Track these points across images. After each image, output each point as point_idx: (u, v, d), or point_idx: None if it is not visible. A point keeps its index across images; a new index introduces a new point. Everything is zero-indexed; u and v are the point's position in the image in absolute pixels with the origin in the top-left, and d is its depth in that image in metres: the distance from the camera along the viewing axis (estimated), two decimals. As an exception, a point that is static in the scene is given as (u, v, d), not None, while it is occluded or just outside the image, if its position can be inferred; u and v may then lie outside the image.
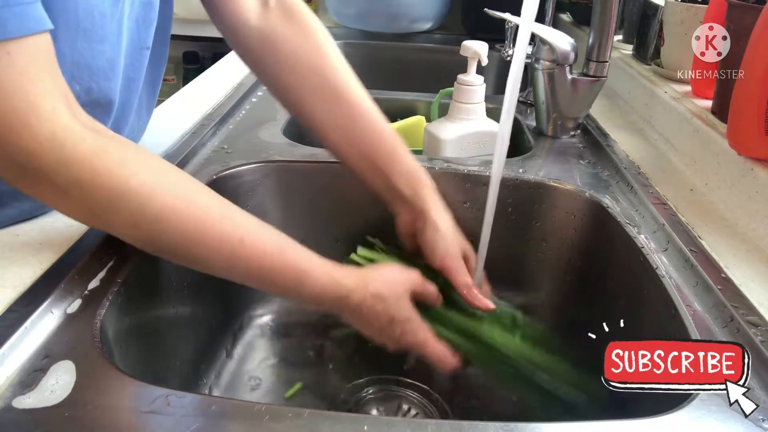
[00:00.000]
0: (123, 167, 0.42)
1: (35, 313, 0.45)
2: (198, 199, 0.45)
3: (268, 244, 0.48)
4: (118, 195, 0.41)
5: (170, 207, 0.43)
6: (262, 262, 0.47)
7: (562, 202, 0.72)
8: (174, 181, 0.45)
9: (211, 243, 0.45)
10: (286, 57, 0.61)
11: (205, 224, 0.45)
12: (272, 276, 0.48)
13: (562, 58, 0.80)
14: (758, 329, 0.47)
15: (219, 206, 0.47)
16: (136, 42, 0.57)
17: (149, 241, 0.45)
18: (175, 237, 0.44)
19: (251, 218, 0.48)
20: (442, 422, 0.39)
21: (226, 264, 0.47)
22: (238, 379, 0.69)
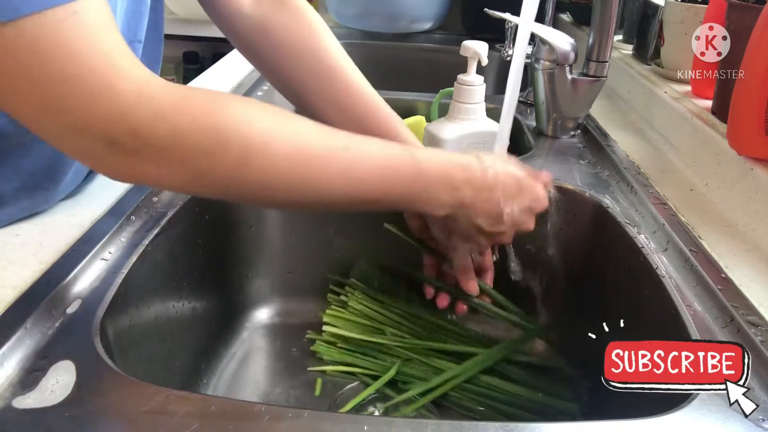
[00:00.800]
0: (216, 105, 0.40)
1: (35, 313, 0.45)
2: (295, 118, 0.44)
3: (374, 143, 0.47)
4: (222, 130, 0.39)
5: (273, 127, 0.42)
6: (373, 158, 0.46)
7: (562, 202, 0.72)
8: (266, 107, 0.43)
9: (319, 154, 0.43)
10: (279, 42, 0.62)
11: (311, 132, 0.44)
12: (389, 170, 0.46)
13: (562, 58, 0.80)
14: (758, 329, 0.47)
15: (310, 124, 0.45)
16: (127, 35, 0.57)
17: (260, 174, 0.41)
18: (286, 160, 0.42)
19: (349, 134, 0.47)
20: (442, 422, 0.39)
21: (341, 172, 0.44)
22: (238, 379, 0.69)
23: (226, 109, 0.40)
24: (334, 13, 1.46)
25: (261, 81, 1.02)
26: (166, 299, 0.60)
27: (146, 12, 0.59)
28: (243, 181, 0.41)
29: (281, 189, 0.43)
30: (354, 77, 0.62)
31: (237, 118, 0.40)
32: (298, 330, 0.75)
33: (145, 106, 0.36)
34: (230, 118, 0.40)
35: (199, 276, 0.66)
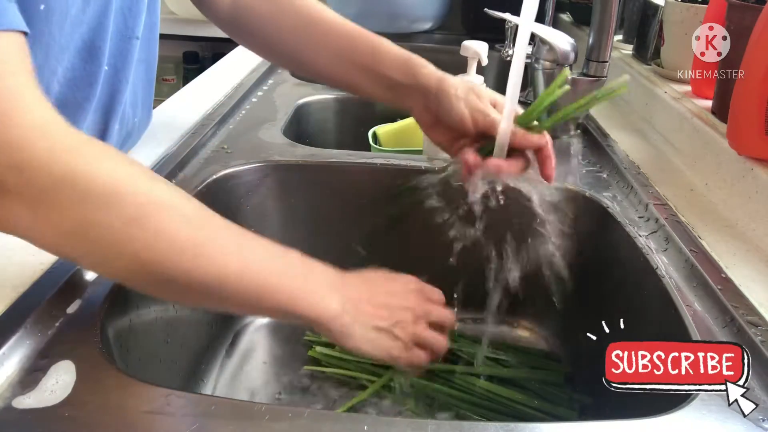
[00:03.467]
0: (120, 157, 0.38)
1: (35, 313, 0.45)
2: (194, 199, 0.42)
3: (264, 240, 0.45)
4: (123, 181, 0.37)
5: (174, 195, 0.40)
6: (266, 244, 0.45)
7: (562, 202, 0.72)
8: (165, 181, 0.42)
9: (218, 226, 0.42)
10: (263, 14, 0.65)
11: (206, 214, 0.42)
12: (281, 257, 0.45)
13: (562, 58, 0.80)
14: (758, 329, 0.47)
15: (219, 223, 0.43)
16: (124, 31, 0.58)
17: (153, 236, 0.38)
18: (182, 225, 0.39)
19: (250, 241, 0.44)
20: (442, 422, 0.39)
21: (235, 248, 0.42)
22: (238, 379, 0.69)
23: (129, 165, 0.38)
24: (334, 13, 1.46)
25: (261, 81, 1.02)
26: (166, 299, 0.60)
27: (143, 9, 0.59)
28: (132, 241, 0.37)
29: (173, 257, 0.38)
30: (332, 19, 0.65)
31: (139, 176, 0.38)
32: (297, 330, 0.75)
33: (40, 141, 0.34)
34: (132, 173, 0.38)
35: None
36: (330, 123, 1.05)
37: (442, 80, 0.57)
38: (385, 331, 0.49)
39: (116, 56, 0.58)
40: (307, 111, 0.99)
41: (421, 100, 0.59)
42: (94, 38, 0.54)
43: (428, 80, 0.58)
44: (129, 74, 0.61)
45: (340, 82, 0.64)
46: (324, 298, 0.45)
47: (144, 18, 0.60)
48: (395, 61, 0.60)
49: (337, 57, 0.62)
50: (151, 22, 0.64)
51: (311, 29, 0.63)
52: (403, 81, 0.59)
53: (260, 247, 0.44)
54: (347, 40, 0.62)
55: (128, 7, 0.57)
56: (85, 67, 0.54)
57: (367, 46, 0.61)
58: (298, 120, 0.96)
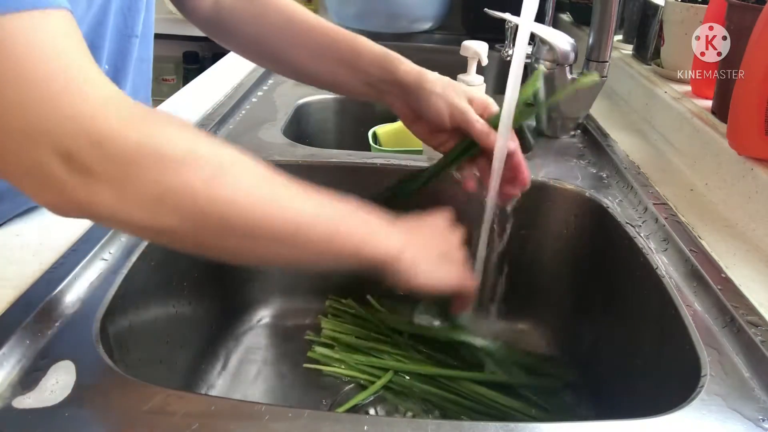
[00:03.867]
0: (182, 125, 0.38)
1: (35, 313, 0.45)
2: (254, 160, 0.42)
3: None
4: (196, 142, 0.37)
5: (238, 153, 0.40)
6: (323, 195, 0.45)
7: (563, 202, 0.72)
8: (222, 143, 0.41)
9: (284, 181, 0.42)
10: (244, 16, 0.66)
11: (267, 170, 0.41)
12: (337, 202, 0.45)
13: (562, 58, 0.80)
14: (758, 329, 0.47)
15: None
16: (123, 30, 0.58)
17: (232, 191, 0.38)
18: (255, 178, 0.40)
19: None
20: (442, 422, 0.39)
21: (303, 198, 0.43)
22: (238, 379, 0.69)
23: (196, 130, 0.39)
24: (334, 13, 1.46)
25: (261, 81, 1.02)
26: (166, 299, 0.60)
27: (143, 7, 0.59)
28: (213, 200, 0.37)
29: (254, 209, 0.39)
30: (312, 19, 0.65)
31: (206, 138, 0.39)
32: (298, 330, 0.75)
33: (114, 112, 0.34)
34: (200, 137, 0.38)
35: (199, 276, 0.66)
36: (330, 123, 1.05)
37: (421, 75, 0.59)
38: (443, 256, 0.52)
39: (116, 55, 0.58)
40: (307, 111, 0.99)
41: (400, 95, 0.60)
42: (93, 38, 0.54)
43: (407, 76, 0.59)
44: (129, 73, 0.61)
45: (321, 79, 0.65)
46: (389, 237, 0.48)
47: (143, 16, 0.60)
48: (374, 58, 0.61)
49: (318, 54, 0.63)
50: (149, 21, 0.64)
51: (292, 28, 0.64)
52: (382, 77, 0.60)
53: (325, 196, 0.45)
54: (327, 38, 0.63)
55: (128, 6, 0.57)
56: None
57: (346, 43, 0.62)
58: (298, 120, 0.96)
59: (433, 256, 0.51)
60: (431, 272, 0.50)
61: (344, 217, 0.46)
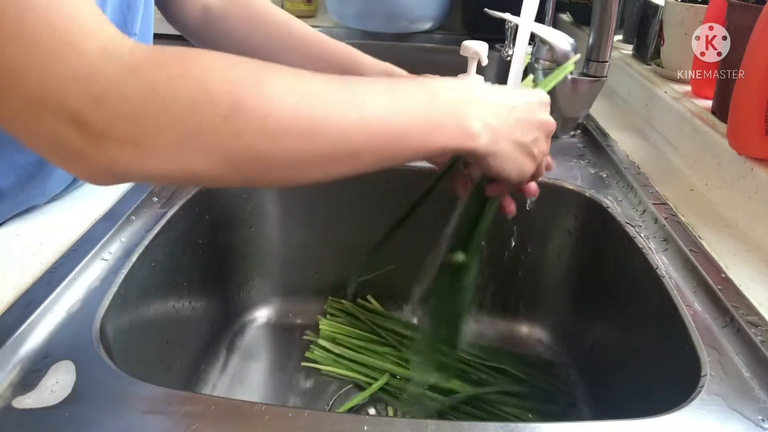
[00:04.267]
0: (192, 53, 0.35)
1: (35, 313, 0.45)
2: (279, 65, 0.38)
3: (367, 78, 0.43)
4: (204, 76, 0.34)
5: (261, 68, 0.36)
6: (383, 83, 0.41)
7: (563, 202, 0.72)
8: (246, 58, 0.37)
9: (322, 85, 0.38)
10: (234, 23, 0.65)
11: (303, 72, 0.38)
12: (399, 93, 0.41)
13: (562, 58, 0.80)
14: (758, 329, 0.47)
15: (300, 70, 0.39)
16: (123, 28, 0.58)
17: (259, 122, 0.35)
18: (285, 100, 0.35)
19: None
20: (442, 422, 0.39)
21: (349, 106, 0.38)
22: (238, 379, 0.69)
23: (205, 56, 0.35)
24: (334, 13, 1.46)
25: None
26: (166, 299, 0.60)
27: (141, 5, 0.59)
28: (239, 136, 0.34)
29: (286, 139, 0.35)
30: (305, 30, 0.65)
31: (218, 64, 0.35)
32: (298, 330, 0.76)
33: (111, 66, 0.31)
34: (211, 64, 0.34)
35: (199, 276, 0.66)
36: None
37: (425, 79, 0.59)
38: (526, 147, 0.47)
39: None
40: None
41: None
42: None
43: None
44: None
45: None
46: (464, 119, 0.42)
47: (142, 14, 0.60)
48: (375, 66, 0.61)
49: (312, 60, 0.62)
50: (147, 20, 0.64)
51: (288, 36, 0.64)
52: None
53: (375, 89, 0.40)
54: (325, 48, 0.63)
55: (127, 3, 0.57)
56: None
57: (345, 53, 0.62)
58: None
59: (516, 139, 0.46)
60: (509, 158, 0.46)
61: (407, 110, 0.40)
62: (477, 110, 0.43)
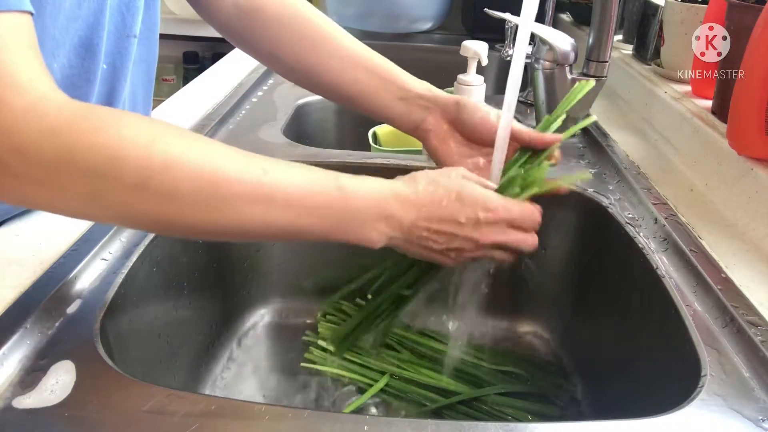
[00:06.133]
0: (115, 122, 0.37)
1: (35, 313, 0.45)
2: (206, 140, 0.41)
3: (296, 169, 0.43)
4: (119, 149, 0.36)
5: (177, 149, 0.38)
6: (295, 184, 0.42)
7: (563, 202, 0.72)
8: (173, 128, 0.40)
9: (232, 178, 0.39)
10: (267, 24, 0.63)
11: (217, 159, 0.39)
12: (312, 198, 0.42)
13: (562, 58, 0.80)
14: (758, 329, 0.47)
15: (224, 146, 0.41)
16: (122, 29, 0.58)
17: (162, 199, 0.38)
18: (192, 183, 0.38)
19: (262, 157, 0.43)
20: (442, 422, 0.39)
21: (256, 199, 0.40)
22: (238, 379, 0.69)
23: (126, 128, 0.37)
24: (334, 13, 1.46)
25: (261, 81, 1.02)
26: (166, 299, 0.60)
27: (141, 7, 0.59)
28: (141, 205, 0.37)
29: (186, 217, 0.39)
30: (342, 36, 0.63)
31: (138, 139, 0.37)
32: (298, 330, 0.76)
33: (34, 123, 0.34)
34: (129, 138, 0.37)
35: (199, 276, 0.66)
36: (330, 123, 1.05)
37: (460, 98, 0.59)
38: (440, 252, 0.47)
39: (114, 54, 0.58)
40: (307, 111, 0.99)
41: (438, 110, 0.59)
42: (90, 35, 0.54)
43: (447, 97, 0.59)
44: (127, 73, 0.61)
45: (343, 90, 0.62)
46: (363, 229, 0.44)
47: (142, 17, 0.60)
48: (413, 78, 0.61)
49: (349, 64, 0.61)
50: (151, 22, 0.63)
51: (322, 38, 0.62)
52: (422, 93, 0.59)
53: (288, 184, 0.41)
54: (362, 53, 0.62)
55: (126, 5, 0.57)
56: (83, 64, 0.54)
57: (383, 61, 0.62)
58: (298, 120, 0.96)
59: (425, 245, 0.46)
60: (413, 254, 0.47)
61: (305, 213, 0.42)
62: (383, 223, 0.44)
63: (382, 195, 0.44)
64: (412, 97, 0.59)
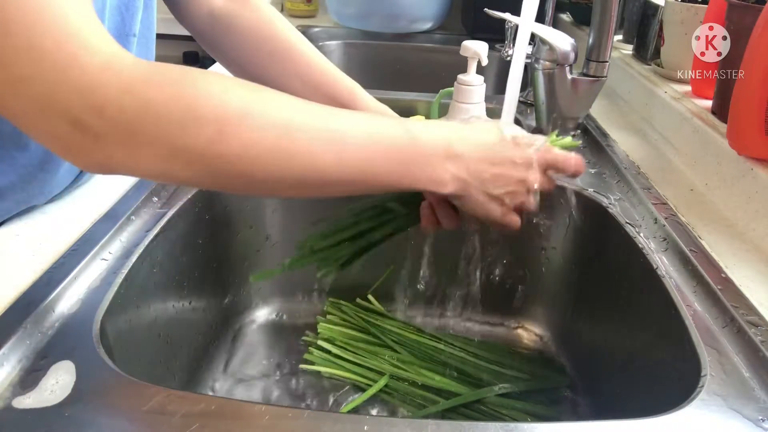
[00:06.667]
0: (189, 76, 0.38)
1: (36, 313, 0.45)
2: (274, 92, 0.41)
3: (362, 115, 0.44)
4: (196, 99, 0.37)
5: (249, 98, 0.39)
6: (363, 128, 0.42)
7: (563, 202, 0.72)
8: (243, 82, 0.40)
9: (306, 123, 0.40)
10: (241, 35, 0.64)
11: (292, 104, 0.41)
12: (382, 140, 0.43)
13: (562, 58, 0.80)
14: (758, 329, 0.47)
15: (290, 96, 0.42)
16: (121, 29, 0.58)
17: (240, 149, 0.38)
18: (268, 131, 0.38)
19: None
20: (441, 422, 0.39)
21: (329, 145, 0.41)
22: (238, 379, 0.69)
23: (200, 80, 0.38)
24: (334, 13, 1.46)
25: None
26: (166, 299, 0.60)
27: (140, 6, 0.59)
28: (222, 157, 0.38)
29: (265, 166, 0.39)
30: (311, 53, 0.63)
31: (211, 89, 0.37)
32: (298, 330, 0.76)
33: (111, 81, 0.35)
34: (204, 89, 0.37)
35: (199, 276, 0.66)
36: (330, 123, 1.05)
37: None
38: (497, 198, 0.47)
39: None
40: (307, 111, 0.99)
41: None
42: None
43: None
44: None
45: None
46: (435, 170, 0.44)
47: (141, 16, 0.60)
48: (374, 106, 0.61)
49: (311, 88, 0.62)
50: (149, 21, 0.64)
51: (289, 58, 0.63)
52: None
53: (358, 128, 0.42)
54: (326, 76, 0.62)
55: (125, 4, 0.57)
56: None
57: (345, 85, 0.62)
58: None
59: (489, 190, 0.47)
60: (478, 203, 0.47)
61: (378, 156, 0.42)
62: (451, 164, 0.45)
63: (448, 135, 0.45)
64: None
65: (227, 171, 0.39)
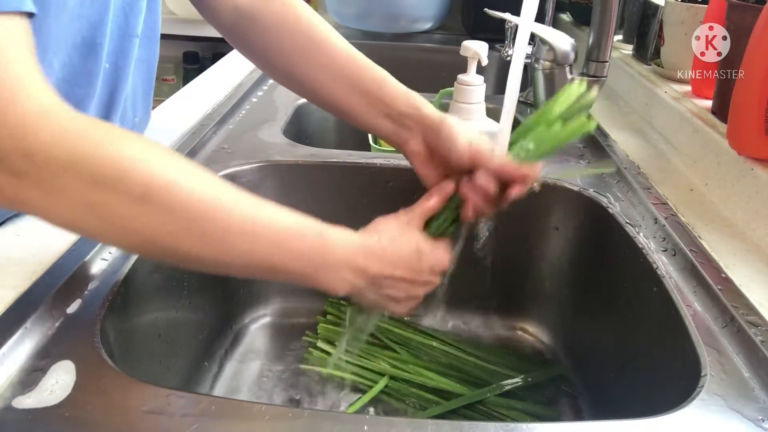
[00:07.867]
0: (123, 138, 0.38)
1: (35, 313, 0.45)
2: (197, 166, 0.42)
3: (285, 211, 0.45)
4: (127, 162, 0.37)
5: (176, 170, 0.39)
6: (282, 223, 0.44)
7: (563, 202, 0.72)
8: (174, 153, 0.41)
9: (226, 208, 0.41)
10: (266, 28, 0.63)
11: (214, 188, 0.41)
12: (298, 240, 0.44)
13: (562, 58, 0.80)
14: (758, 329, 0.47)
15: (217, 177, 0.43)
16: (125, 29, 0.58)
17: (160, 216, 0.39)
18: (189, 206, 0.39)
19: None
20: (441, 422, 0.39)
21: (241, 234, 0.42)
22: (238, 379, 0.69)
23: (134, 144, 0.38)
24: (334, 13, 1.46)
25: (261, 81, 1.02)
26: (166, 299, 0.60)
27: (144, 7, 0.59)
28: (139, 220, 0.38)
29: (180, 237, 0.39)
30: (340, 43, 0.63)
31: (142, 154, 0.38)
32: (298, 330, 0.76)
33: (47, 126, 0.35)
34: (136, 153, 0.38)
35: (198, 276, 0.66)
36: (330, 123, 1.05)
37: (444, 116, 0.58)
38: (394, 299, 0.50)
39: (117, 54, 0.58)
40: (307, 111, 0.99)
41: (421, 131, 0.59)
42: (94, 35, 0.54)
43: (432, 116, 0.58)
44: (129, 73, 0.61)
45: (336, 104, 0.62)
46: (335, 279, 0.46)
47: (144, 16, 0.60)
48: (401, 94, 0.60)
49: (339, 79, 0.61)
50: (152, 22, 0.64)
51: (317, 50, 0.62)
52: (407, 111, 0.59)
53: (272, 225, 0.43)
54: (353, 67, 0.61)
55: (129, 4, 0.57)
56: (84, 63, 0.54)
57: (374, 75, 0.61)
58: (298, 120, 0.96)
59: (386, 293, 0.49)
60: (371, 302, 0.50)
61: (286, 254, 0.44)
62: (351, 274, 0.46)
63: (352, 247, 0.47)
64: (397, 115, 0.59)
65: (140, 236, 0.39)
